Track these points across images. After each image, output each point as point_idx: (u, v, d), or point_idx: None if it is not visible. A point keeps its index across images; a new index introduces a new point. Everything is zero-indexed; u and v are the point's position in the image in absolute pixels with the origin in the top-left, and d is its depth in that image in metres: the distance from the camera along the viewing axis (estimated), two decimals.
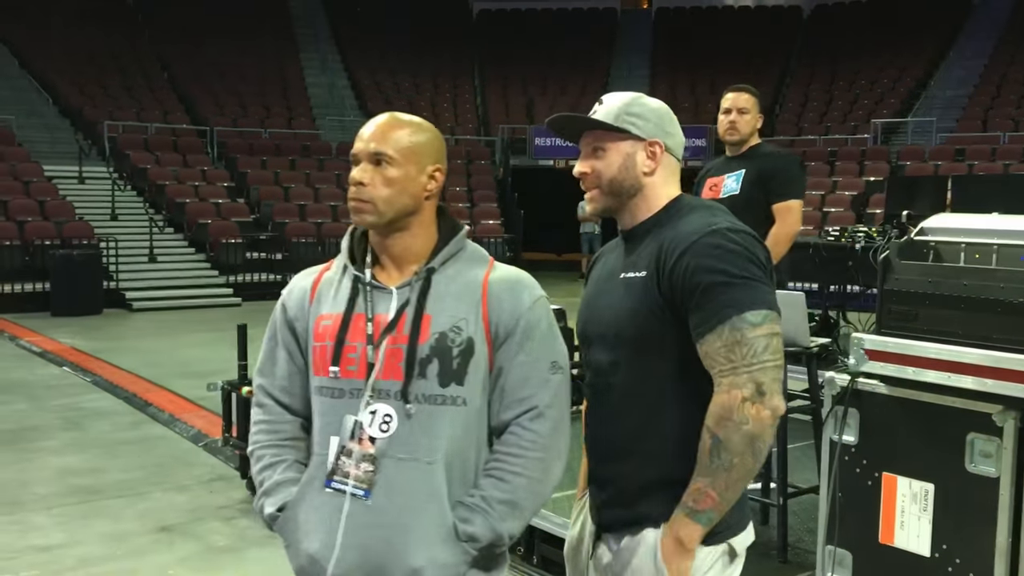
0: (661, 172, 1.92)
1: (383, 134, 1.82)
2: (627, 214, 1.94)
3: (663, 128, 1.93)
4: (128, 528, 5.06)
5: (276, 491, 1.85)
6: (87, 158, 18.73)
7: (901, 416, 2.85)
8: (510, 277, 1.86)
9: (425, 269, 1.82)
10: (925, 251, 2.96)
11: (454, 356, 1.76)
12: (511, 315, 1.81)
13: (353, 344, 1.79)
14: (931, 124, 21.06)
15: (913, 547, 2.85)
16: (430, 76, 26.18)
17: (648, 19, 29.61)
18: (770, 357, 1.71)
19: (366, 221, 1.82)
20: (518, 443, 1.79)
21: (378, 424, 1.76)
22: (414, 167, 1.82)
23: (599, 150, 1.92)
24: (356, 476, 1.75)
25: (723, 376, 1.71)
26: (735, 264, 1.74)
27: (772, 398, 1.70)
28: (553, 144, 23.08)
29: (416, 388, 1.75)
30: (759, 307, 1.72)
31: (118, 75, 22.61)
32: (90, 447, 6.69)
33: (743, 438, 1.69)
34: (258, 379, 1.96)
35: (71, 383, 9.06)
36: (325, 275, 1.92)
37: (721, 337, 1.71)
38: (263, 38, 25.54)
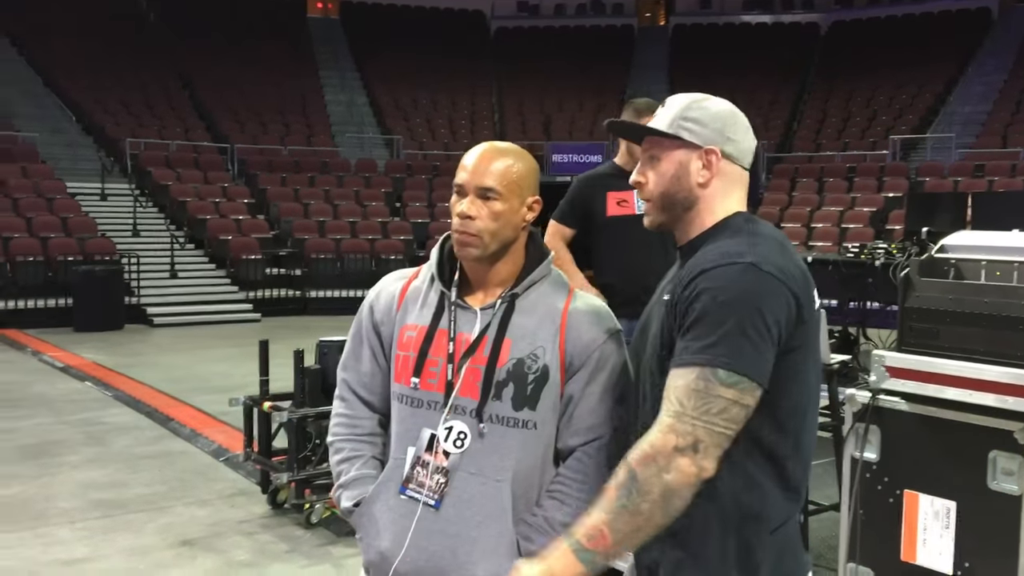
0: (719, 183, 1.75)
1: (489, 167, 1.86)
2: (681, 229, 1.79)
3: (723, 133, 1.75)
4: (150, 542, 5.09)
5: (353, 486, 1.94)
6: (109, 175, 18.93)
7: (922, 433, 2.85)
8: (589, 309, 1.91)
9: (509, 294, 1.88)
10: (946, 268, 2.97)
11: (529, 382, 1.83)
12: (586, 347, 1.86)
13: (435, 359, 1.87)
14: (950, 140, 20.98)
15: (935, 565, 2.84)
16: (448, 93, 26.33)
17: (665, 36, 29.69)
18: (721, 421, 1.56)
19: (472, 255, 1.86)
20: (583, 469, 1.86)
21: (453, 440, 1.84)
22: (517, 200, 1.87)
23: (654, 158, 1.78)
24: (429, 487, 1.84)
25: (667, 415, 1.58)
26: (739, 311, 1.56)
27: (705, 458, 1.55)
28: (570, 160, 23.14)
29: (491, 409, 1.83)
30: (738, 370, 1.55)
31: (140, 93, 22.86)
32: (112, 461, 6.74)
33: (661, 487, 1.55)
34: (342, 373, 2.04)
35: (93, 398, 9.14)
36: (413, 283, 1.98)
37: (687, 378, 1.57)
38: (283, 56, 25.78)
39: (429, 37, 27.42)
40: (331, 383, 5.11)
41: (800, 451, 1.70)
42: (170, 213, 18.16)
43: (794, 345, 1.62)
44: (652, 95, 19.12)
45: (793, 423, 1.67)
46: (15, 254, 14.78)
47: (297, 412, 5.30)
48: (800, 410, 1.68)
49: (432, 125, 25.02)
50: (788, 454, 1.67)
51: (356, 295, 15.16)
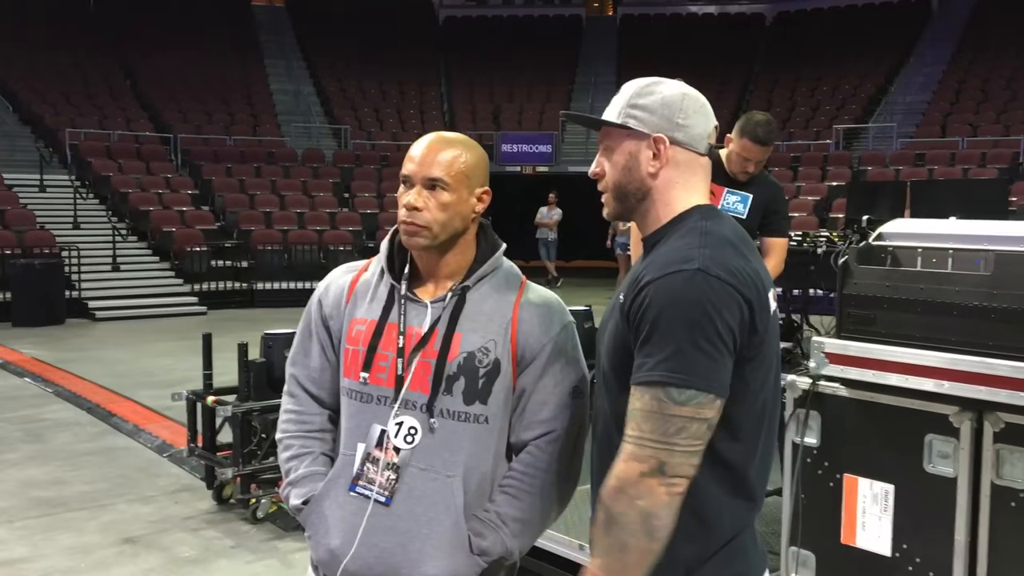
0: (670, 172, 1.68)
1: (436, 157, 1.84)
2: (640, 221, 1.74)
3: (672, 120, 1.67)
4: (92, 541, 5.00)
5: (302, 483, 1.91)
6: (48, 166, 18.47)
7: (862, 418, 2.89)
8: (540, 302, 1.90)
9: (460, 287, 1.86)
10: (883, 256, 3.01)
11: (480, 376, 1.82)
12: (538, 340, 1.85)
13: (384, 353, 1.84)
14: (892, 130, 21.38)
15: (874, 547, 2.89)
16: (396, 83, 26.12)
17: (613, 25, 29.77)
18: (682, 442, 1.50)
19: (420, 244, 1.84)
20: (535, 464, 1.86)
21: (403, 436, 1.82)
22: (465, 191, 1.86)
23: (608, 149, 1.73)
24: (379, 483, 1.82)
25: (628, 442, 1.54)
26: (688, 322, 1.50)
27: (673, 479, 1.51)
28: (520, 151, 23.15)
29: (441, 403, 1.81)
30: (688, 385, 1.49)
31: (80, 82, 22.33)
32: (52, 459, 6.59)
33: (637, 515, 1.51)
34: (290, 369, 2.01)
35: (32, 394, 8.93)
36: (363, 277, 1.96)
37: (642, 400, 1.52)
38: (227, 44, 25.36)
39: (377, 25, 27.15)
40: (277, 376, 5.06)
41: (758, 457, 1.66)
42: (112, 205, 17.80)
43: (748, 355, 1.57)
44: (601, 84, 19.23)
45: (749, 430, 1.62)
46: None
47: (242, 406, 5.23)
48: (756, 417, 1.63)
49: (380, 115, 24.81)
50: (745, 461, 1.63)
51: (304, 287, 15.01)
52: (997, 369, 2.62)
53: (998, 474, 2.65)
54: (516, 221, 20.57)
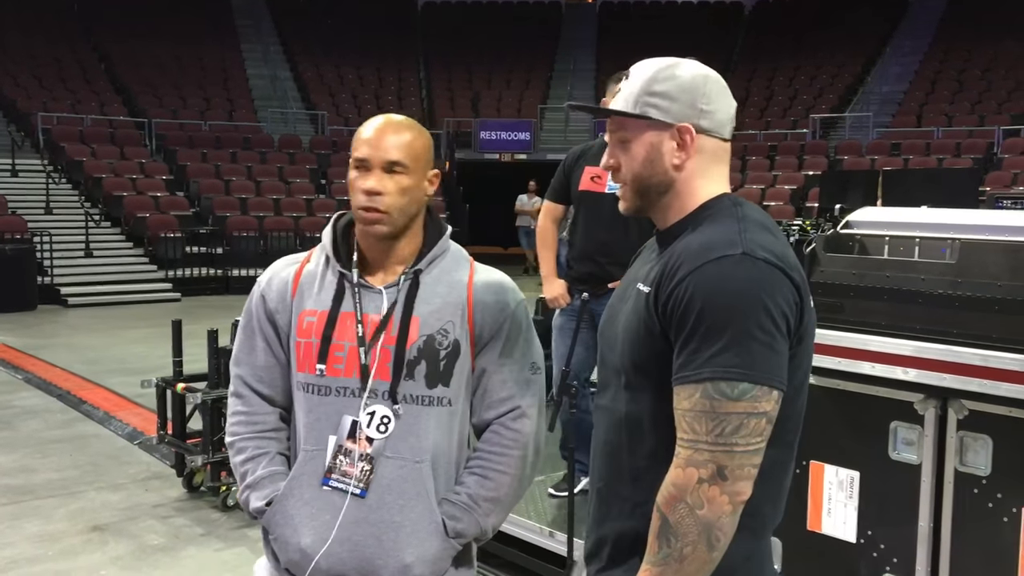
0: (696, 162, 1.55)
1: (395, 141, 1.80)
2: (659, 214, 1.60)
3: (696, 106, 1.54)
4: (60, 528, 4.95)
5: (262, 484, 1.86)
6: (20, 150, 18.21)
7: (828, 405, 2.90)
8: (493, 281, 1.90)
9: (413, 271, 1.84)
10: (851, 244, 3.02)
11: (441, 358, 1.80)
12: (495, 319, 1.85)
13: (340, 343, 1.80)
14: (868, 119, 21.50)
15: (840, 533, 2.91)
16: (374, 69, 25.96)
17: (592, 13, 29.72)
18: (741, 441, 1.39)
19: (382, 232, 1.80)
20: (501, 442, 1.85)
21: (376, 425, 1.79)
22: (421, 173, 1.83)
23: (624, 140, 1.58)
24: (354, 475, 1.79)
25: (682, 446, 1.42)
26: (737, 310, 1.39)
27: (735, 483, 1.40)
28: (498, 137, 23.09)
29: (404, 389, 1.79)
30: (741, 379, 1.38)
31: (53, 66, 22.01)
32: (21, 446, 6.52)
33: (696, 524, 1.40)
34: (235, 369, 1.95)
35: (1, 381, 8.81)
36: (307, 267, 1.91)
37: (690, 399, 1.41)
38: (203, 29, 25.08)
39: (355, 10, 26.95)
40: None
41: (793, 459, 1.57)
42: (85, 190, 17.60)
43: (797, 338, 1.47)
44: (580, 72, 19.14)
45: (790, 431, 1.51)
46: None
47: (211, 393, 5.19)
48: (797, 417, 1.53)
49: (358, 101, 24.65)
50: (782, 467, 1.54)
51: None
52: (962, 357, 2.64)
53: (961, 461, 2.67)
54: (495, 208, 20.58)
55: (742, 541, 1.46)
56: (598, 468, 1.65)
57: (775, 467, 1.50)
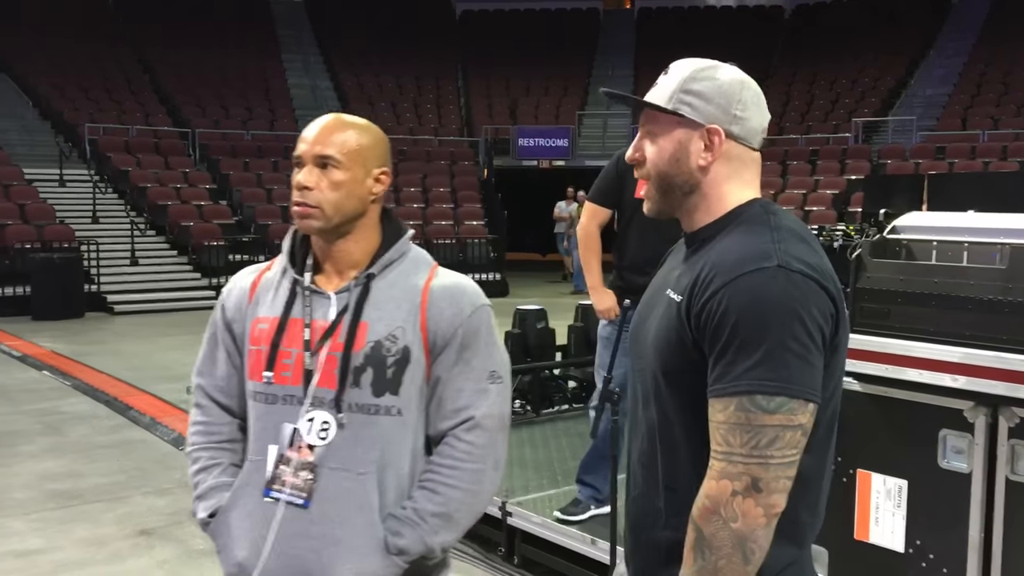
0: (722, 167, 1.54)
1: (328, 136, 1.76)
2: (686, 216, 1.59)
3: (729, 111, 1.53)
4: (107, 532, 5.03)
5: (209, 495, 1.83)
6: (68, 161, 18.59)
7: (875, 413, 2.87)
8: (451, 285, 1.81)
9: (364, 275, 1.78)
10: (897, 249, 2.98)
11: (389, 365, 1.73)
12: (449, 324, 1.77)
13: (288, 350, 1.75)
14: (912, 123, 21.19)
15: (887, 543, 2.87)
16: (413, 77, 26.14)
17: (630, 19, 29.67)
18: (776, 453, 1.38)
19: (312, 227, 1.76)
20: (452, 454, 1.77)
21: (316, 432, 1.73)
22: (360, 170, 1.76)
23: (652, 134, 1.57)
24: (294, 484, 1.73)
25: (716, 458, 1.41)
26: (773, 323, 1.38)
27: (770, 495, 1.39)
28: (536, 144, 23.12)
29: (349, 397, 1.72)
30: (778, 392, 1.37)
31: (99, 78, 22.46)
32: (69, 451, 6.64)
33: (731, 537, 1.39)
34: (196, 379, 1.93)
35: (51, 387, 9.00)
36: (265, 276, 1.88)
37: (726, 411, 1.40)
38: (245, 40, 25.44)
39: (394, 20, 27.19)
40: None
41: (827, 470, 1.56)
42: (130, 199, 17.90)
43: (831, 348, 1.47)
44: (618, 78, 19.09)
45: (820, 440, 1.50)
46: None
47: None
48: (830, 422, 1.52)
49: (397, 109, 24.83)
50: (817, 474, 1.51)
51: None
52: (1012, 364, 2.59)
53: (1013, 470, 2.62)
54: (533, 215, 20.60)
55: (782, 548, 1.46)
56: (633, 477, 1.64)
57: (811, 474, 1.49)
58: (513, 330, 6.95)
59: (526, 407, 6.46)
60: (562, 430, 6.04)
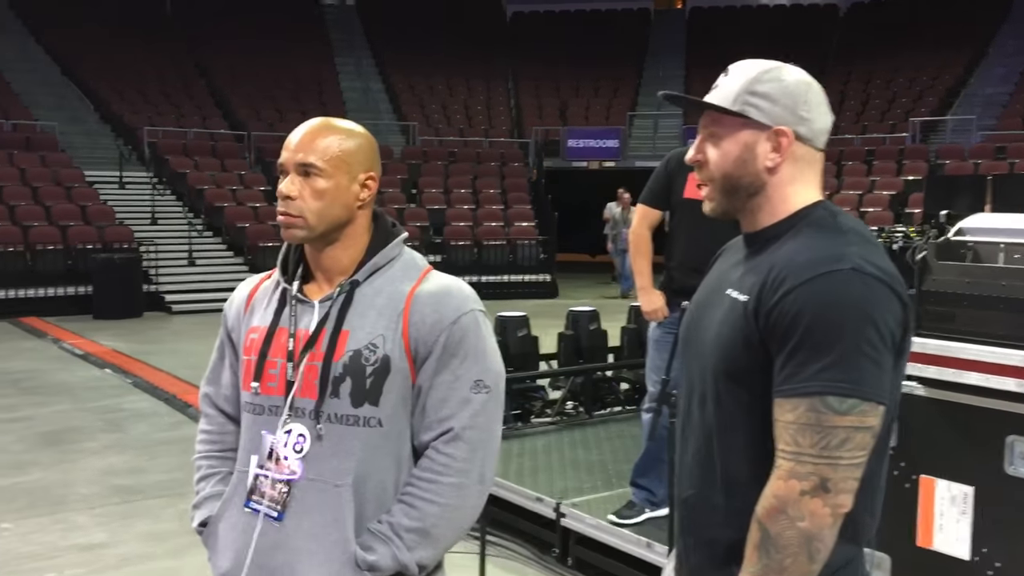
0: (789, 168, 1.54)
1: (310, 143, 1.72)
2: (747, 217, 1.59)
3: (796, 112, 1.54)
4: (168, 528, 5.14)
5: (203, 505, 1.84)
6: (127, 163, 19.01)
7: (939, 418, 2.82)
8: (437, 290, 1.75)
9: (348, 282, 1.74)
10: (963, 251, 2.93)
11: (368, 375, 1.69)
12: (431, 331, 1.71)
13: (274, 360, 1.74)
14: (971, 122, 20.74)
15: (952, 550, 2.82)
16: (464, 78, 26.26)
17: (682, 19, 29.48)
18: (846, 455, 1.40)
19: (296, 236, 1.73)
20: (431, 467, 1.71)
21: (292, 444, 1.71)
22: (345, 176, 1.73)
23: (715, 136, 1.57)
24: (271, 497, 1.72)
25: (784, 458, 1.42)
26: (847, 326, 1.39)
27: (837, 495, 1.40)
28: (586, 146, 23.08)
29: (328, 407, 1.69)
30: (851, 394, 1.38)
31: (157, 81, 22.92)
32: (131, 448, 6.80)
33: (798, 536, 1.41)
34: (203, 387, 1.94)
35: (112, 385, 9.22)
36: (263, 284, 1.87)
37: (795, 412, 1.41)
38: (298, 43, 25.76)
39: (445, 22, 27.33)
40: None
41: (884, 470, 1.56)
42: (188, 201, 18.24)
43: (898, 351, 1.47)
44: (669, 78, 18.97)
45: (883, 439, 1.50)
46: (35, 242, 14.88)
47: None
48: (889, 425, 1.51)
49: (448, 111, 24.97)
50: (877, 475, 1.52)
51: None
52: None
53: None
54: (583, 216, 20.53)
55: (842, 547, 1.47)
56: (686, 477, 1.63)
57: (872, 476, 1.50)
58: (566, 331, 6.95)
59: (579, 408, 6.47)
60: (615, 432, 6.03)
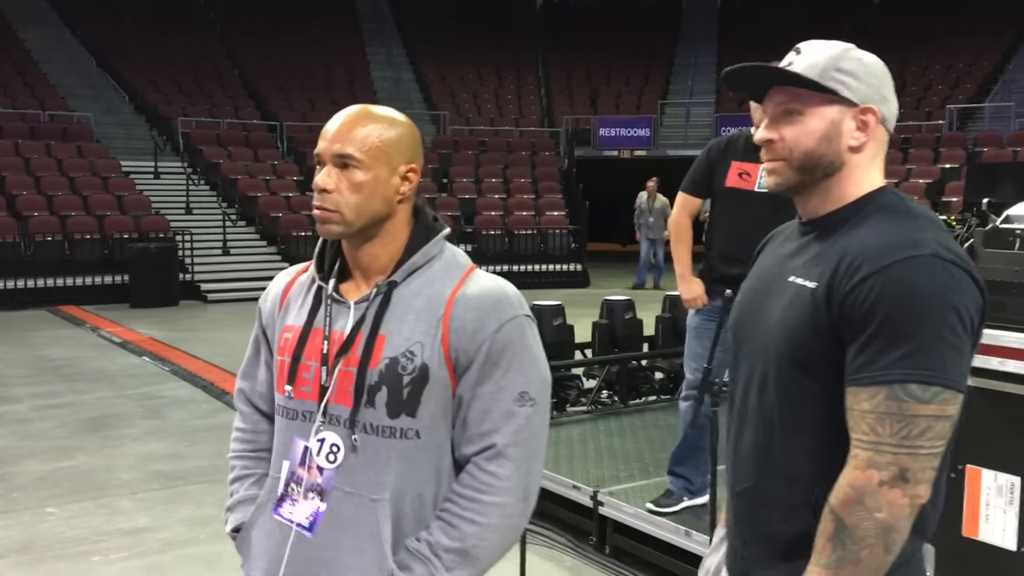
0: (869, 148, 1.53)
1: (349, 132, 1.62)
2: (814, 198, 1.55)
3: (880, 91, 1.53)
4: (210, 513, 5.21)
5: (236, 509, 1.78)
6: (162, 153, 19.23)
7: (986, 408, 2.80)
8: (480, 293, 1.63)
9: (386, 283, 1.64)
10: (1011, 239, 2.90)
11: (404, 384, 1.59)
12: (473, 339, 1.60)
13: (308, 363, 1.66)
14: (1009, 109, 20.43)
15: (998, 541, 2.80)
16: (494, 68, 26.25)
17: (714, 6, 29.24)
18: (926, 444, 1.38)
19: (332, 232, 1.63)
20: (473, 485, 1.61)
21: (325, 454, 1.63)
22: (384, 168, 1.62)
23: (794, 113, 1.53)
24: (303, 507, 1.65)
25: (861, 447, 1.40)
26: (929, 313, 1.36)
27: (916, 485, 1.38)
28: (617, 134, 22.99)
29: (364, 417, 1.60)
30: (934, 381, 1.36)
31: (191, 72, 23.15)
32: (171, 434, 6.89)
33: (875, 527, 1.39)
34: (239, 382, 1.87)
35: (150, 372, 9.34)
36: (299, 278, 1.78)
37: (873, 400, 1.38)
38: (330, 34, 25.89)
39: (475, 12, 27.33)
40: None
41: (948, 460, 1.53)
42: (221, 191, 18.41)
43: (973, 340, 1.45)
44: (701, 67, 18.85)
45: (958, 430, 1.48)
46: (72, 232, 15.11)
47: None
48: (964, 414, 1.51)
49: (478, 100, 24.99)
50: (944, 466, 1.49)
51: None
52: None
53: None
54: (614, 205, 20.50)
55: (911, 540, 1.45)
56: (741, 469, 1.61)
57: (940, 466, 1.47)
58: (601, 320, 6.96)
59: (613, 397, 6.48)
60: (650, 421, 6.03)
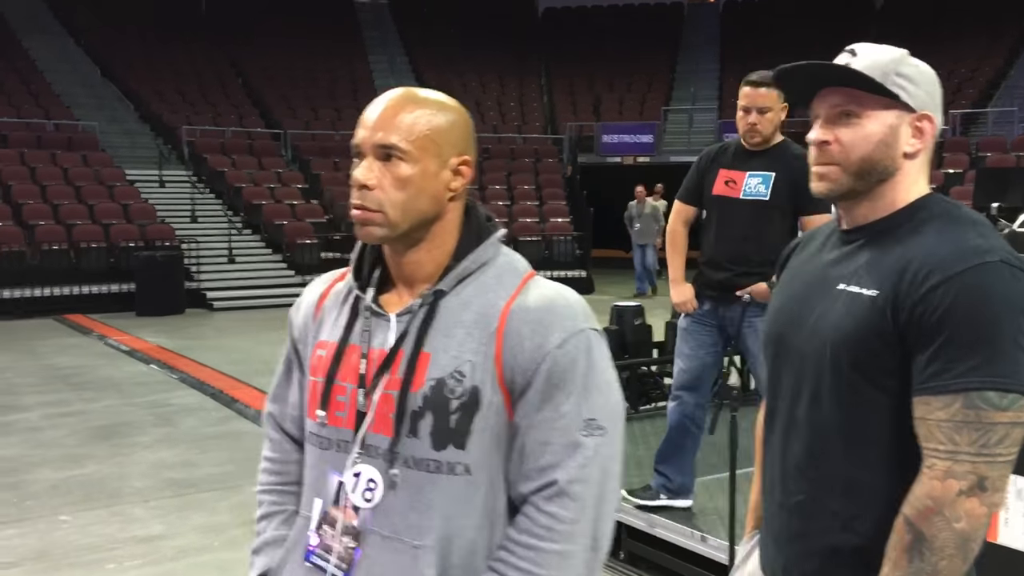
0: (923, 156, 1.51)
1: (392, 119, 1.39)
2: (864, 204, 1.52)
3: (935, 98, 1.51)
4: (223, 520, 5.22)
5: (263, 551, 1.56)
6: (167, 162, 19.29)
7: None
8: (539, 304, 1.38)
9: (432, 292, 1.40)
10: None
11: (452, 411, 1.35)
12: (531, 357, 1.35)
13: (343, 384, 1.43)
14: (1013, 114, 20.45)
15: (1019, 544, 2.80)
16: (496, 75, 26.32)
17: (715, 13, 29.33)
18: (1003, 451, 1.36)
19: (375, 235, 1.40)
20: (531, 529, 1.36)
21: (362, 491, 1.40)
22: (434, 161, 1.39)
23: (851, 115, 1.49)
24: (338, 552, 1.41)
25: (938, 457, 1.37)
26: (1005, 319, 1.35)
27: (994, 494, 1.36)
28: (620, 141, 23.04)
29: (405, 449, 1.36)
30: (1012, 388, 1.34)
31: (195, 81, 23.22)
32: (181, 442, 6.91)
33: (954, 538, 1.35)
34: (268, 406, 1.64)
35: (159, 380, 9.36)
36: (336, 286, 1.55)
37: (948, 409, 1.36)
38: (332, 42, 25.98)
39: (477, 19, 27.42)
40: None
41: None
42: (227, 199, 18.46)
43: None
44: (703, 72, 18.89)
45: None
46: (78, 240, 15.15)
47: None
48: None
49: (481, 108, 25.03)
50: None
51: None
52: None
53: None
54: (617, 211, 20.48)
55: None
56: (792, 481, 1.56)
57: None
58: (610, 326, 6.98)
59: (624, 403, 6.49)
60: (660, 427, 5.98)
